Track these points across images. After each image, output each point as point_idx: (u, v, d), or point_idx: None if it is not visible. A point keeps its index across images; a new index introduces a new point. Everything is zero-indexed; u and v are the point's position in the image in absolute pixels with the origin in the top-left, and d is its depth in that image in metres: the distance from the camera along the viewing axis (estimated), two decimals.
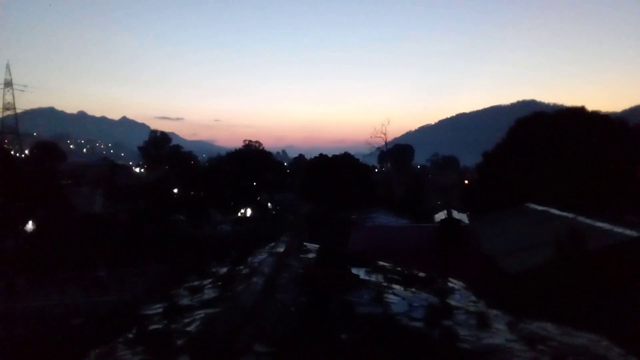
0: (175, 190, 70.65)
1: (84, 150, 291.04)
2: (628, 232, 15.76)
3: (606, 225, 17.07)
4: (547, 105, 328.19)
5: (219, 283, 6.19)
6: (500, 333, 5.06)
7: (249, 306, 4.51)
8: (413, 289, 6.38)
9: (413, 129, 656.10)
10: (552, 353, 4.65)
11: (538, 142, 38.30)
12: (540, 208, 25.17)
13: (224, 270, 7.15)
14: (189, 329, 4.49)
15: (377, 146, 79.74)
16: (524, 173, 36.51)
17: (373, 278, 6.67)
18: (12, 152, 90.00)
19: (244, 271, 6.39)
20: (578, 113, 42.46)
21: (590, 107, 44.05)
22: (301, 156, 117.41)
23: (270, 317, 4.47)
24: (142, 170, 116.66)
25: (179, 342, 4.07)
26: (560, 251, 14.34)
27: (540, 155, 36.89)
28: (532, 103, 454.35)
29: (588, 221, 18.28)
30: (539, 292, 13.68)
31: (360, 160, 68.69)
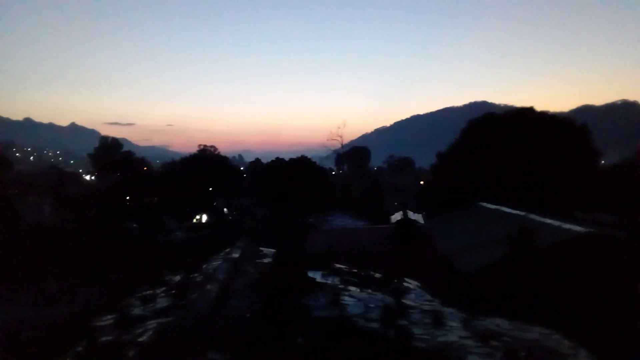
0: (128, 198, 69.01)
1: (31, 158, 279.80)
2: (576, 228, 16.35)
3: (555, 222, 17.66)
4: (498, 106, 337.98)
5: (173, 291, 6.06)
6: (454, 330, 5.15)
7: (203, 314, 4.43)
8: (369, 290, 6.42)
9: (369, 131, 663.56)
10: (504, 348, 4.77)
11: (490, 142, 39.36)
12: (492, 207, 25.85)
13: (178, 278, 7.01)
14: (140, 339, 4.37)
15: (333, 149, 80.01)
16: (476, 172, 37.43)
17: (330, 281, 6.67)
18: None
19: (198, 278, 6.28)
20: (527, 113, 43.89)
21: (539, 107, 45.77)
22: (258, 160, 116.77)
23: (225, 324, 4.41)
24: (93, 177, 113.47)
25: (131, 353, 3.97)
26: (511, 248, 14.71)
27: (492, 154, 37.91)
28: (484, 104, 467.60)
29: (538, 218, 18.87)
30: (492, 289, 14.02)
31: (317, 163, 68.80)
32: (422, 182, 77.43)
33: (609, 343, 10.06)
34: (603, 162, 56.83)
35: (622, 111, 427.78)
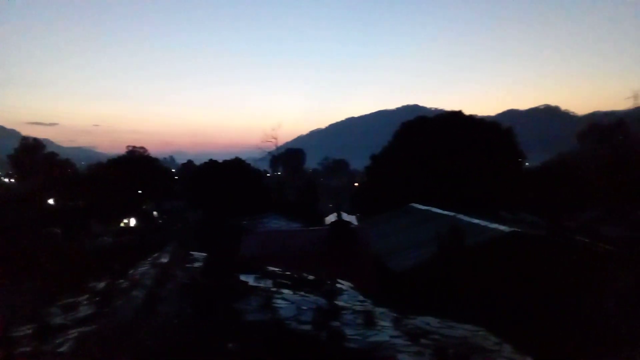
0: (51, 201, 65.81)
1: None
2: (502, 227, 17.09)
3: (482, 222, 18.39)
4: (429, 110, 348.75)
5: (96, 299, 5.78)
6: (385, 330, 5.21)
7: (127, 322, 4.25)
8: (302, 293, 6.40)
9: (304, 132, 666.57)
10: (434, 346, 4.87)
11: (421, 145, 40.55)
12: (423, 208, 26.60)
13: (102, 285, 6.70)
14: (60, 349, 4.13)
15: (268, 150, 79.71)
16: (409, 174, 38.44)
17: (262, 284, 6.60)
18: None
19: (124, 285, 6.03)
20: (456, 116, 45.60)
21: (467, 111, 47.62)
22: (190, 162, 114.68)
23: (151, 331, 4.24)
24: (13, 180, 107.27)
25: None
26: (441, 248, 15.16)
27: (423, 156, 39.07)
28: (416, 107, 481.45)
29: (466, 219, 19.58)
30: (423, 288, 14.38)
31: (252, 165, 68.35)
32: (356, 184, 78.61)
33: (533, 338, 10.56)
34: (527, 163, 59.93)
35: (544, 115, 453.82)
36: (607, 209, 41.05)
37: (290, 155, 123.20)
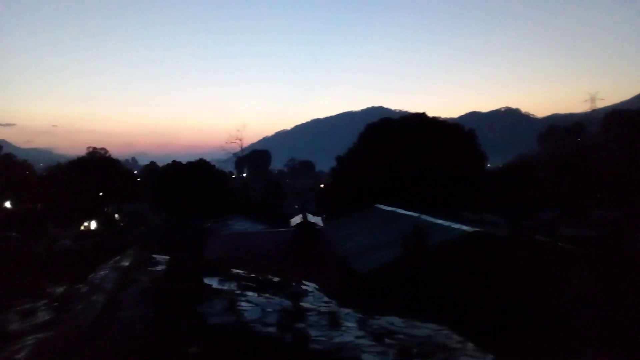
0: (8, 204, 63.73)
1: None
2: (464, 227, 17.41)
3: (445, 222, 18.69)
4: (394, 112, 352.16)
5: (55, 304, 5.64)
6: (350, 331, 5.25)
7: (87, 327, 4.16)
8: (267, 295, 6.38)
9: (270, 134, 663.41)
10: (398, 346, 4.93)
11: (386, 146, 40.98)
12: (388, 208, 26.87)
13: (61, 289, 6.53)
14: (17, 356, 4.01)
15: (233, 152, 79.11)
16: (374, 175, 38.78)
17: (227, 287, 6.55)
18: None
19: (84, 289, 5.89)
20: (420, 118, 46.25)
21: (430, 113, 48.37)
22: (153, 163, 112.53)
23: (112, 336, 4.15)
24: None
25: None
26: (406, 249, 15.32)
27: (388, 157, 39.47)
28: (381, 109, 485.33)
29: (430, 219, 19.87)
30: (388, 288, 14.51)
31: (216, 167, 67.64)
32: (322, 185, 78.78)
33: (495, 336, 10.78)
34: (489, 165, 61.26)
35: (505, 117, 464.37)
36: (565, 208, 42.31)
37: (255, 157, 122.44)
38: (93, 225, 58.33)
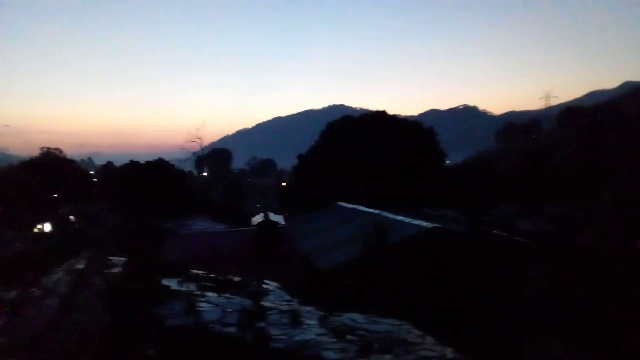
0: None
1: None
2: (424, 224, 17.64)
3: (406, 219, 18.89)
4: (355, 110, 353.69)
5: (6, 309, 5.42)
6: (311, 328, 5.24)
7: (40, 332, 4.01)
8: (227, 295, 6.30)
9: (230, 132, 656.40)
10: (359, 342, 4.95)
11: (347, 144, 41.20)
12: (350, 206, 26.98)
13: (13, 294, 6.28)
14: None
15: (192, 151, 77.78)
16: (335, 173, 38.93)
17: (186, 288, 6.43)
18: None
19: (37, 293, 5.68)
20: (380, 116, 46.69)
21: (391, 111, 48.88)
22: (110, 163, 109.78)
23: (66, 340, 4.02)
24: None
25: None
26: (367, 245, 15.41)
27: (349, 155, 39.69)
28: (342, 107, 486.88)
29: (391, 216, 20.04)
30: (350, 285, 14.59)
31: (176, 166, 66.42)
32: (284, 184, 78.54)
33: (454, 330, 11.00)
34: (448, 161, 62.37)
35: (464, 115, 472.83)
36: (521, 203, 43.51)
37: (216, 156, 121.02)
38: (47, 227, 56.50)
